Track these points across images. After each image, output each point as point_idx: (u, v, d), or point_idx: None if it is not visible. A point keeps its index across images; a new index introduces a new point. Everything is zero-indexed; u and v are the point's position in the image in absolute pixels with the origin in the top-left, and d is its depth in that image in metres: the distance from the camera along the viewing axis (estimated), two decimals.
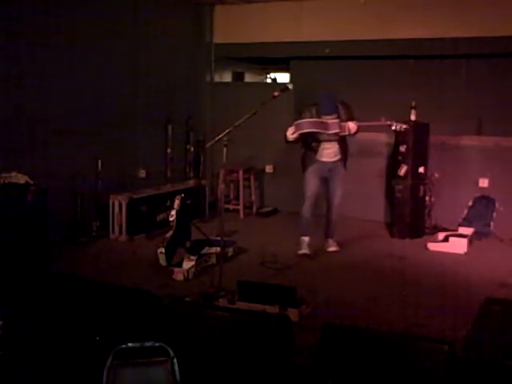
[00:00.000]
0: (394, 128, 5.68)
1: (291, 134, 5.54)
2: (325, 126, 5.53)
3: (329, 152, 5.74)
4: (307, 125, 5.52)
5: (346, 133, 5.60)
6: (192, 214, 6.04)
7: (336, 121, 5.56)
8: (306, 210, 5.89)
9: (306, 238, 5.88)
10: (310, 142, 5.73)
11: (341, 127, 5.55)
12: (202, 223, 6.57)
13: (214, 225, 6.28)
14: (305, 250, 5.84)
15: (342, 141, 5.75)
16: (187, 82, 7.90)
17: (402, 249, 6.19)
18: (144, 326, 2.95)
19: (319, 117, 5.56)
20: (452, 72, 7.03)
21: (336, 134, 5.58)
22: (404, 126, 5.66)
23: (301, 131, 5.51)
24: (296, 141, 5.65)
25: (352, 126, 5.57)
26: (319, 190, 5.94)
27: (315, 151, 5.73)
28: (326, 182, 5.91)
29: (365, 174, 7.40)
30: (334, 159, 5.77)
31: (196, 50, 8.10)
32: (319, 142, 5.68)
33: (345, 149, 5.83)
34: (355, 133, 5.66)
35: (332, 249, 6.01)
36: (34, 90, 5.72)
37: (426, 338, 2.88)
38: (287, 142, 5.66)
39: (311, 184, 5.85)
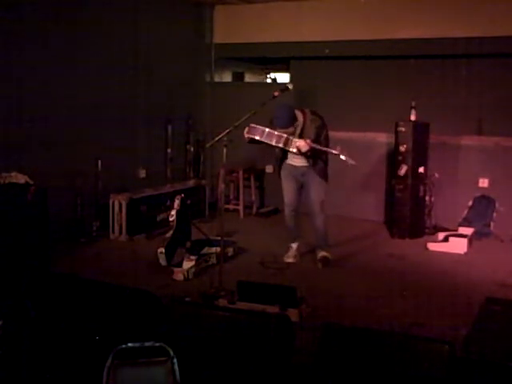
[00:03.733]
0: (342, 158, 5.05)
1: (245, 133, 5.15)
2: (272, 137, 5.12)
3: (296, 158, 5.38)
4: (256, 131, 5.13)
5: (294, 150, 5.12)
6: (192, 213, 6.04)
7: (283, 135, 5.11)
8: (288, 217, 5.64)
9: (294, 245, 5.71)
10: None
11: (287, 143, 5.12)
12: (202, 223, 6.57)
13: (213, 225, 6.28)
14: (290, 259, 5.65)
15: (312, 155, 5.28)
16: (187, 81, 7.90)
17: (402, 249, 6.20)
18: (144, 325, 2.95)
19: (274, 128, 5.17)
20: (452, 72, 7.02)
21: (280, 148, 5.22)
22: (351, 162, 5.02)
23: (249, 135, 5.15)
24: (253, 143, 5.26)
25: (303, 144, 5.04)
26: (298, 196, 5.60)
27: (284, 155, 5.45)
28: (302, 187, 5.55)
29: (365, 173, 7.40)
30: (304, 164, 5.39)
31: (196, 50, 8.10)
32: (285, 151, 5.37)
33: (316, 158, 5.33)
34: (309, 154, 5.18)
35: (319, 266, 5.51)
36: (34, 90, 5.72)
37: (426, 338, 2.88)
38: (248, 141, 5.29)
39: (288, 190, 5.57)
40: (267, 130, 5.16)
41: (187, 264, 5.15)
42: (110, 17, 6.55)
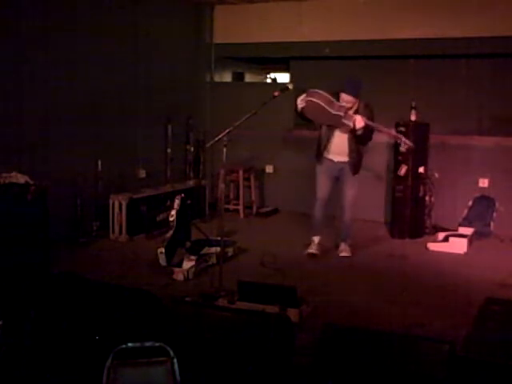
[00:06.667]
0: (399, 142, 5.52)
1: (300, 99, 5.37)
2: (333, 104, 5.29)
3: (338, 148, 5.57)
4: (317, 95, 5.29)
5: (351, 124, 5.31)
6: (192, 214, 6.04)
7: (345, 105, 5.35)
8: (317, 209, 5.81)
9: (316, 238, 5.88)
10: (320, 133, 5.64)
11: (346, 114, 5.31)
12: (202, 223, 6.57)
13: (213, 225, 6.28)
14: (312, 250, 5.83)
15: (354, 140, 5.50)
16: (187, 81, 7.91)
17: (402, 249, 6.19)
18: (144, 325, 2.95)
19: (338, 93, 5.40)
20: (452, 72, 7.02)
21: (339, 117, 5.31)
22: (410, 145, 5.50)
23: (308, 98, 5.30)
24: (304, 115, 5.44)
25: (359, 119, 5.27)
26: (331, 191, 5.79)
27: (325, 143, 5.60)
28: (337, 181, 5.76)
29: (365, 174, 7.38)
30: (343, 159, 5.61)
31: (196, 50, 8.11)
32: (329, 131, 5.55)
33: (356, 150, 5.59)
34: (361, 132, 5.36)
35: (344, 254, 5.88)
36: (34, 90, 5.72)
37: (426, 338, 2.88)
38: (296, 111, 5.48)
39: (322, 185, 5.75)
40: (329, 96, 5.31)
41: (187, 264, 5.15)
42: (110, 16, 6.54)
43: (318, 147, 5.72)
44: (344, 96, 5.39)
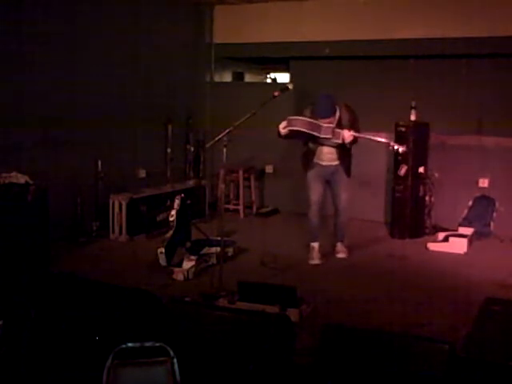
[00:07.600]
0: (391, 148, 5.37)
1: (282, 128, 5.27)
2: (318, 128, 5.18)
3: (327, 155, 5.54)
4: (300, 123, 5.18)
5: (339, 141, 5.26)
6: (192, 214, 6.03)
7: (331, 125, 5.22)
8: (313, 214, 5.71)
9: (316, 245, 5.71)
10: (307, 143, 5.56)
11: (334, 133, 5.21)
12: (202, 223, 6.57)
13: (213, 225, 6.28)
14: (316, 261, 5.66)
15: (342, 147, 5.43)
16: (187, 81, 7.91)
17: (402, 249, 6.19)
18: (144, 325, 2.95)
19: (316, 118, 5.24)
20: (452, 72, 7.02)
21: (328, 139, 5.28)
22: (402, 149, 5.34)
23: (291, 128, 5.20)
24: (289, 137, 5.38)
25: (347, 135, 5.20)
26: (324, 194, 5.74)
27: (313, 153, 5.57)
28: (329, 184, 5.72)
29: (364, 174, 7.39)
30: (333, 163, 5.57)
31: (196, 50, 8.11)
32: (317, 144, 5.47)
33: (345, 154, 5.55)
34: (351, 143, 5.32)
35: (341, 255, 5.84)
36: (35, 91, 5.72)
37: (426, 338, 2.88)
38: (279, 136, 5.38)
39: (315, 189, 5.66)
40: (311, 120, 5.20)
41: (187, 264, 5.15)
42: (111, 17, 6.55)
43: (307, 158, 5.65)
44: (324, 120, 5.24)
